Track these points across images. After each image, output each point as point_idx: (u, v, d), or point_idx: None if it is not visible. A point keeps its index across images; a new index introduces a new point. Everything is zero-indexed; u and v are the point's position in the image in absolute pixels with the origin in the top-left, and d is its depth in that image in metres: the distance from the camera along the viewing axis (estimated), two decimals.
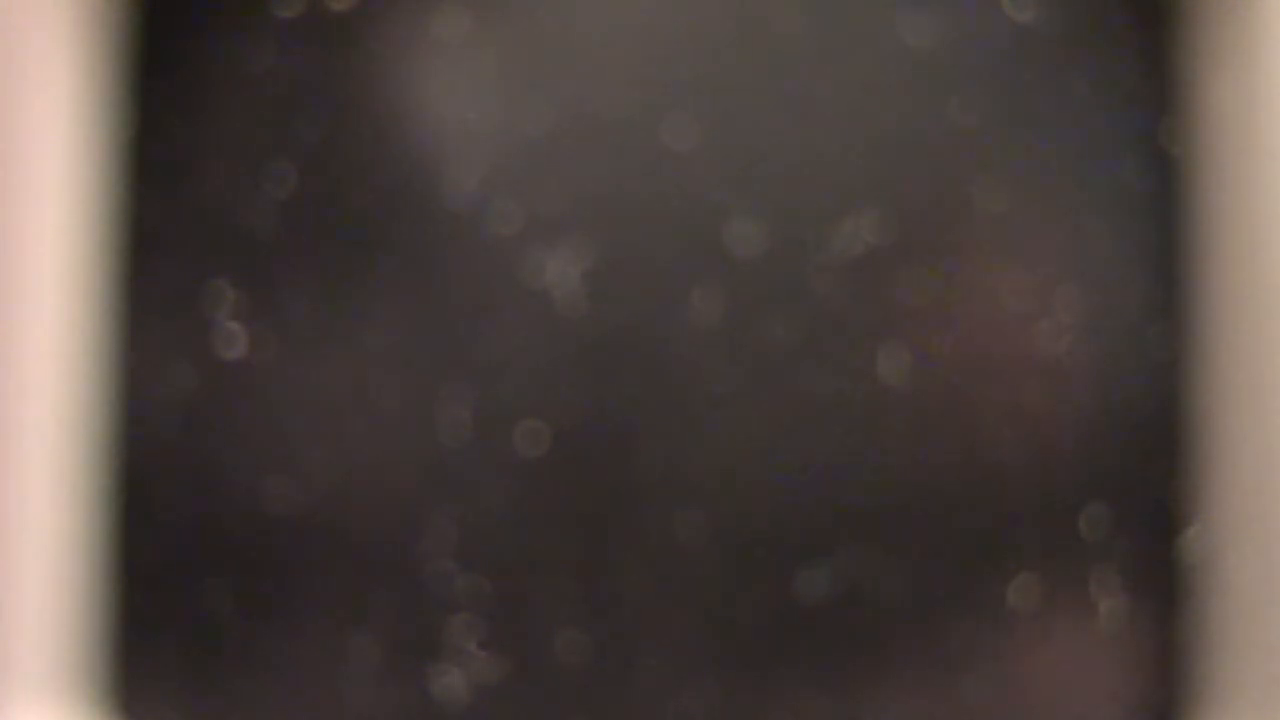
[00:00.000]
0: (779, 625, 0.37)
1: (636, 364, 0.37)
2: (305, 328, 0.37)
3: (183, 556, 0.37)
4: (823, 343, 0.37)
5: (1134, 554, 0.38)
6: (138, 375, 0.37)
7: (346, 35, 0.38)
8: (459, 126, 0.37)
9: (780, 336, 0.37)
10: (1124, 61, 0.38)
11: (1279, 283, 0.36)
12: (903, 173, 0.38)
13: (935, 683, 0.37)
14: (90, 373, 0.37)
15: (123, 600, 0.37)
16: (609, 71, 0.37)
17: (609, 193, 0.37)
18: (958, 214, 0.38)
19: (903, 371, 0.37)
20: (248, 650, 0.37)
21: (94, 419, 0.37)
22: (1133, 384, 0.38)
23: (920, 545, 0.37)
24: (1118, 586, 0.38)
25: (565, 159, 0.37)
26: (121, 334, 0.37)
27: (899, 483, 0.37)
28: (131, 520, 0.37)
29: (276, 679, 0.37)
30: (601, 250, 0.37)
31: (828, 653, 0.37)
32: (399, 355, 0.37)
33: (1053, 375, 0.37)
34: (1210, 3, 0.37)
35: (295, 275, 0.37)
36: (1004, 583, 0.37)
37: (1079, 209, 0.38)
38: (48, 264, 0.36)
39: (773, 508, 0.37)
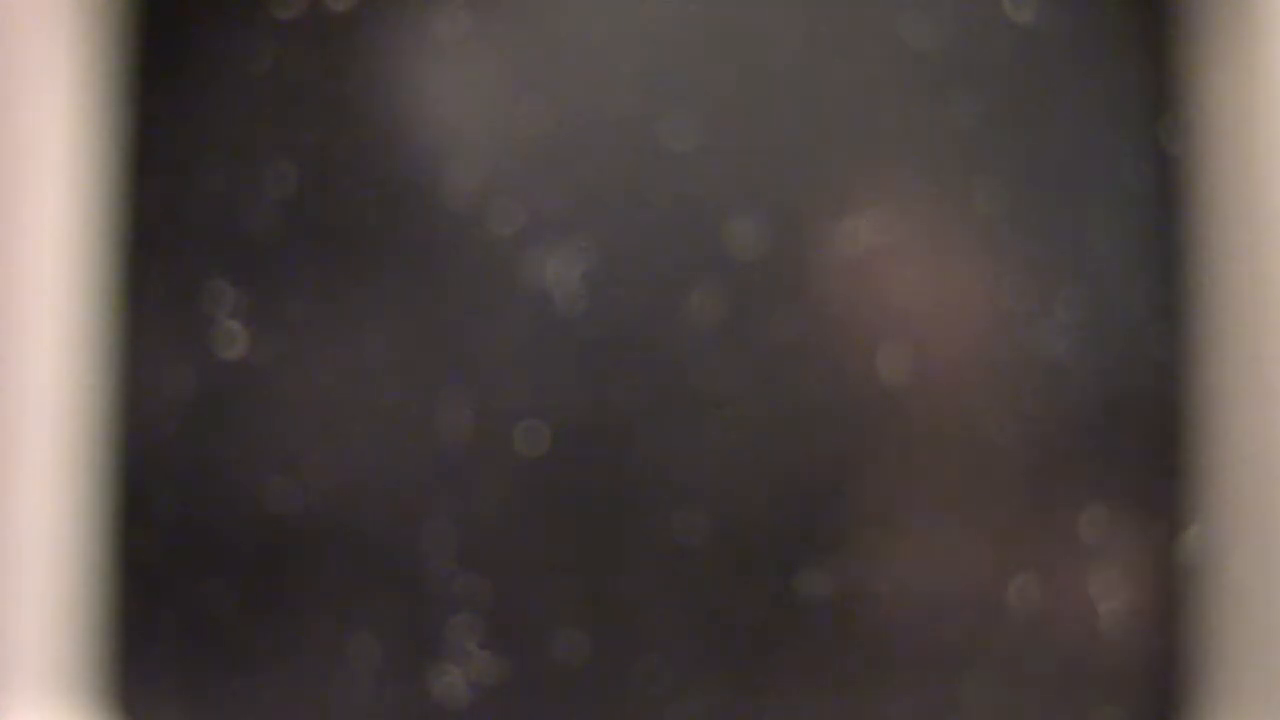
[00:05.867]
0: (779, 625, 0.37)
1: (636, 364, 0.37)
2: (305, 328, 0.37)
3: (183, 556, 0.37)
4: (823, 343, 0.37)
5: (1134, 554, 0.38)
6: (138, 375, 0.37)
7: (346, 35, 0.38)
8: (459, 126, 0.38)
9: (780, 336, 0.37)
10: (1124, 61, 0.38)
11: (1279, 283, 0.36)
12: (903, 173, 0.38)
13: (935, 683, 0.37)
14: (90, 373, 0.37)
15: (123, 600, 0.37)
16: (609, 71, 0.37)
17: (609, 193, 0.37)
18: (958, 214, 0.38)
19: (903, 371, 0.37)
20: (248, 650, 0.37)
21: (94, 419, 0.37)
22: (1133, 384, 0.38)
23: (920, 545, 0.37)
24: (1118, 586, 0.38)
25: (565, 159, 0.37)
26: (121, 334, 0.37)
27: (899, 482, 0.37)
28: (131, 520, 0.37)
29: (276, 679, 0.37)
30: (601, 250, 0.37)
31: (828, 653, 0.37)
32: (399, 355, 0.37)
33: (1053, 375, 0.37)
34: (1210, 3, 0.37)
35: (295, 275, 0.37)
36: (1004, 583, 0.37)
37: (1079, 209, 0.38)
38: (48, 264, 0.36)
39: (773, 508, 0.37)
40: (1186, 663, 0.37)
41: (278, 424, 0.37)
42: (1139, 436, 0.38)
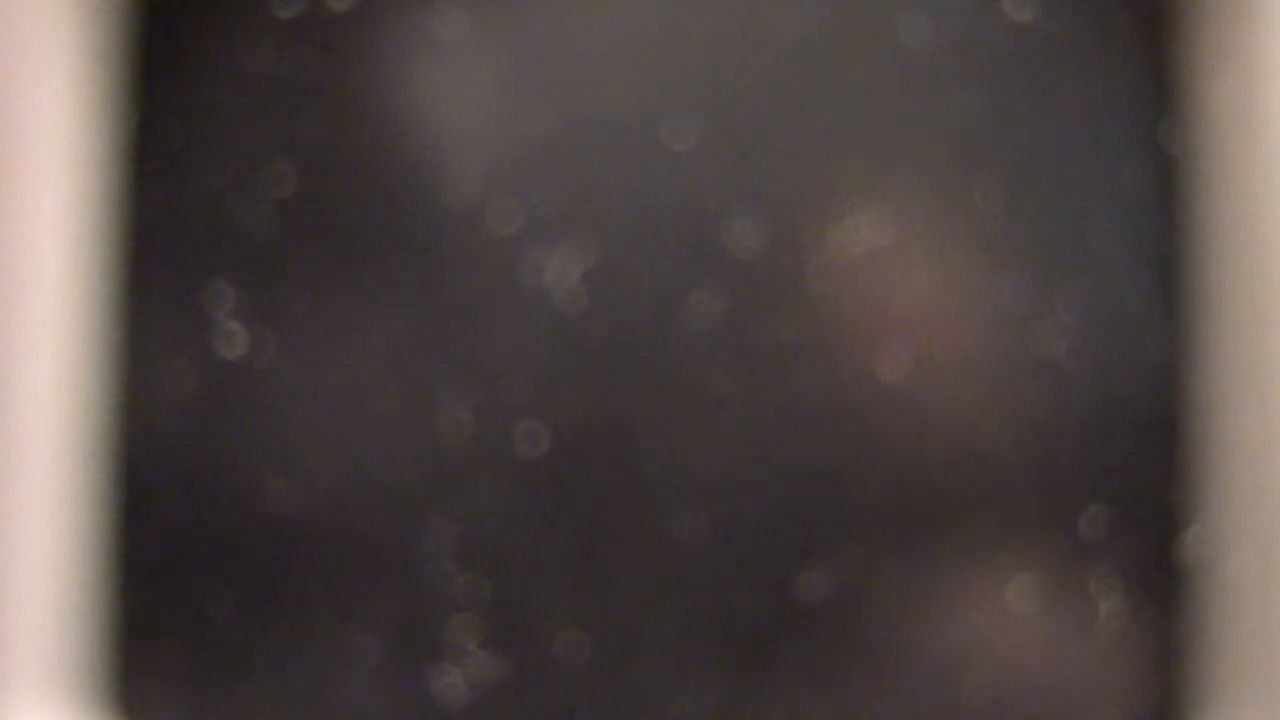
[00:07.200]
0: (779, 625, 0.37)
1: (636, 364, 0.37)
2: (305, 328, 0.37)
3: (183, 556, 0.37)
4: (823, 343, 0.37)
5: (1134, 554, 0.38)
6: (138, 376, 0.37)
7: (346, 35, 0.38)
8: (459, 126, 0.38)
9: (780, 336, 0.37)
10: (1124, 61, 0.38)
11: (1279, 283, 0.36)
12: (903, 173, 0.38)
13: (935, 683, 0.37)
14: (90, 373, 0.37)
15: (123, 600, 0.37)
16: (609, 71, 0.37)
17: (609, 193, 0.37)
18: (958, 214, 0.38)
19: (903, 371, 0.37)
20: (248, 650, 0.37)
21: (94, 419, 0.37)
22: (1133, 384, 0.38)
23: (920, 545, 0.37)
24: (1118, 586, 0.38)
25: (565, 159, 0.37)
26: (121, 334, 0.37)
27: (899, 483, 0.37)
28: (131, 520, 0.37)
29: (277, 679, 0.37)
30: (601, 250, 0.37)
31: (828, 653, 0.37)
32: (399, 355, 0.37)
33: (1053, 375, 0.37)
34: (1210, 3, 0.37)
35: (295, 275, 0.37)
36: (1004, 583, 0.37)
37: (1079, 209, 0.38)
38: (48, 264, 0.36)
39: (773, 508, 0.37)
40: (1186, 663, 0.37)
41: (278, 424, 0.37)
42: (1139, 436, 0.38)
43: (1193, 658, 0.37)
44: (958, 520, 0.37)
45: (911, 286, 0.37)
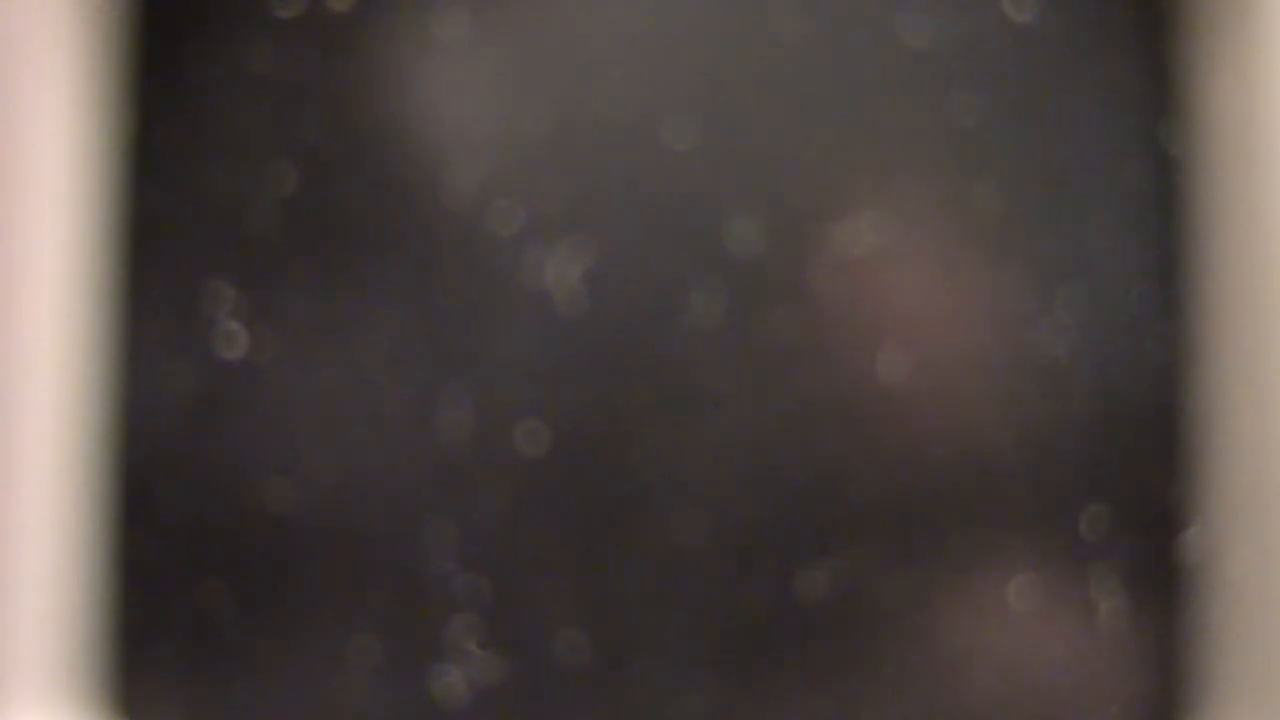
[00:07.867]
0: (779, 625, 0.37)
1: (636, 364, 0.37)
2: (305, 328, 0.37)
3: (183, 556, 0.37)
4: (823, 343, 0.37)
5: (1134, 554, 0.38)
6: (138, 375, 0.37)
7: (346, 35, 0.38)
8: (459, 126, 0.38)
9: (780, 336, 0.37)
10: (1124, 62, 0.38)
11: (1279, 283, 0.36)
12: (903, 173, 0.38)
13: (935, 683, 0.37)
14: (90, 373, 0.37)
15: (123, 600, 0.37)
16: (609, 71, 0.37)
17: (609, 193, 0.37)
18: (958, 214, 0.38)
19: (903, 372, 0.37)
20: (248, 650, 0.37)
21: (94, 419, 0.37)
22: (1133, 384, 0.38)
23: (920, 545, 0.37)
24: (1118, 586, 0.38)
25: (565, 159, 0.37)
26: (121, 334, 0.37)
27: (899, 483, 0.37)
28: (131, 520, 0.37)
29: (276, 679, 0.37)
30: (601, 250, 0.37)
31: (827, 653, 0.37)
32: (399, 355, 0.37)
33: (1053, 375, 0.37)
34: (1210, 3, 0.37)
35: (295, 275, 0.37)
36: (1004, 583, 0.37)
37: (1079, 209, 0.38)
38: (48, 264, 0.36)
39: (773, 508, 0.37)
40: (1186, 663, 0.37)
41: (278, 424, 0.37)
42: (1139, 436, 0.38)
43: (1193, 658, 0.37)
44: (958, 520, 0.37)
45: (912, 286, 0.37)
